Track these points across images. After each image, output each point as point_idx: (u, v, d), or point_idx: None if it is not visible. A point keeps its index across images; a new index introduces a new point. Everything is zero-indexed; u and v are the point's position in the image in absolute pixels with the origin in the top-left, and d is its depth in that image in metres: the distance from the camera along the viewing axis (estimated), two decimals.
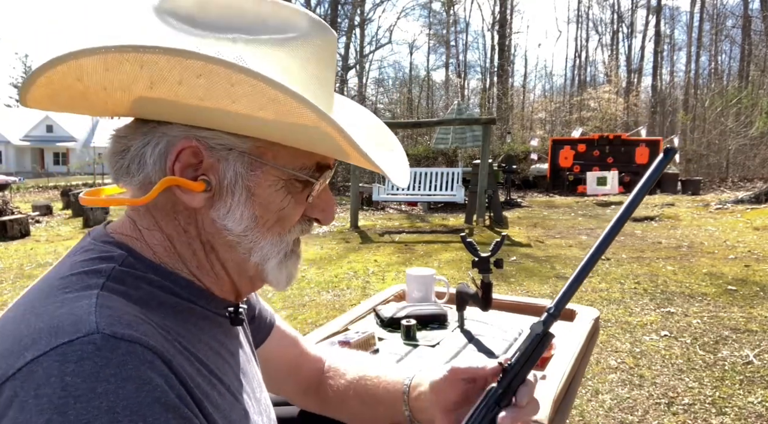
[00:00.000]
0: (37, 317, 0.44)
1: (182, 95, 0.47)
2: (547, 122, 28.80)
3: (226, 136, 0.52)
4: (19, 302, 0.50)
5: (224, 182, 0.54)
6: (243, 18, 0.52)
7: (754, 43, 24.69)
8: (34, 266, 6.08)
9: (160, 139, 0.52)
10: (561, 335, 1.26)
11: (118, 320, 0.44)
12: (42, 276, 0.54)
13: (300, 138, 0.51)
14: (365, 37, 29.71)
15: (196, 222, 0.55)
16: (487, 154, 8.23)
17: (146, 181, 0.53)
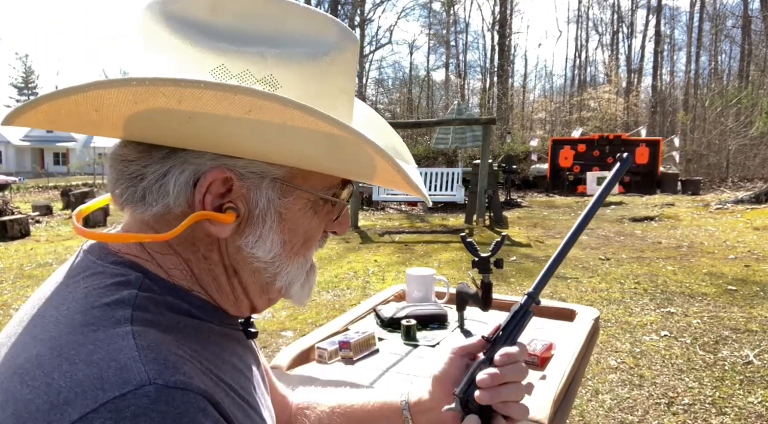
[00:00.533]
0: (71, 365, 0.39)
1: (225, 130, 0.44)
2: (547, 122, 28.80)
3: (260, 164, 0.49)
4: (31, 336, 0.44)
5: (255, 211, 0.51)
6: (267, 26, 0.47)
7: (754, 43, 24.70)
8: (34, 266, 6.08)
9: (184, 166, 0.48)
10: (561, 335, 1.26)
11: (164, 364, 0.41)
12: (45, 299, 0.49)
13: (349, 168, 0.51)
14: (365, 38, 29.72)
15: (219, 249, 0.52)
16: (487, 154, 8.23)
17: (165, 212, 0.49)
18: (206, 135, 0.45)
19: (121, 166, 0.49)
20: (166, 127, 0.45)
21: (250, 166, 0.49)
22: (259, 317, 3.99)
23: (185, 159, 0.48)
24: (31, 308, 0.50)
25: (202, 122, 0.43)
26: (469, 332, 1.38)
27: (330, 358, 1.22)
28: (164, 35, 0.46)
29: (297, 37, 0.48)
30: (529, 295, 0.67)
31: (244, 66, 0.46)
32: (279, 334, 3.63)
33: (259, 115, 0.42)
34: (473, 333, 1.36)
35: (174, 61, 0.46)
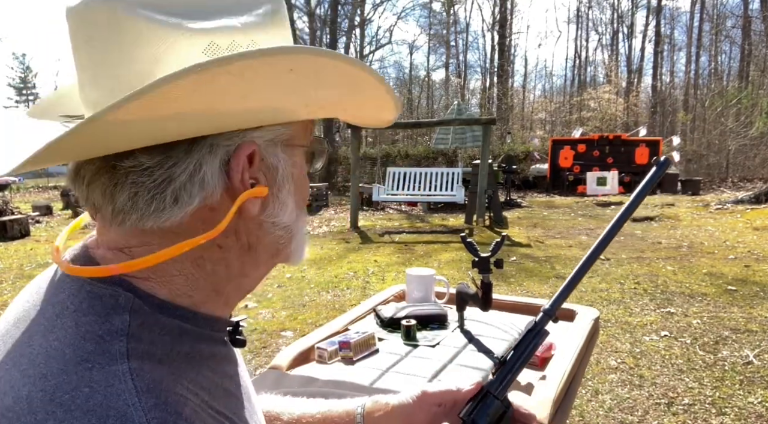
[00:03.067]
0: (65, 412, 0.37)
1: (272, 96, 0.45)
2: (547, 122, 28.81)
3: (274, 129, 0.50)
4: (19, 370, 0.42)
5: (277, 177, 0.51)
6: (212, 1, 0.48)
7: (754, 43, 24.70)
8: (34, 266, 6.08)
9: (213, 152, 0.46)
10: (561, 335, 1.26)
11: (165, 409, 0.40)
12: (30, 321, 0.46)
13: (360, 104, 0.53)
14: (365, 38, 29.74)
15: (235, 232, 0.50)
16: (487, 154, 8.23)
17: (209, 204, 0.47)
18: (248, 109, 0.45)
19: (137, 178, 0.44)
20: (218, 111, 0.44)
21: (267, 134, 0.49)
22: (259, 317, 3.99)
23: (213, 144, 0.46)
24: (14, 325, 0.47)
25: (256, 95, 0.43)
26: (468, 332, 1.38)
27: (330, 358, 1.22)
28: (141, 27, 0.43)
29: (244, 3, 0.49)
30: (545, 312, 0.64)
31: (230, 38, 0.46)
32: (279, 334, 3.63)
33: (298, 73, 0.44)
34: (473, 333, 1.36)
35: (165, 50, 0.44)
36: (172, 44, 0.44)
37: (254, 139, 0.48)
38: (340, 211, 11.11)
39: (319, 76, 0.45)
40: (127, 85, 0.42)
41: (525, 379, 1.06)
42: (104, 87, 0.44)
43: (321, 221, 9.65)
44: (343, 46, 26.67)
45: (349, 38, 26.99)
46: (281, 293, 4.63)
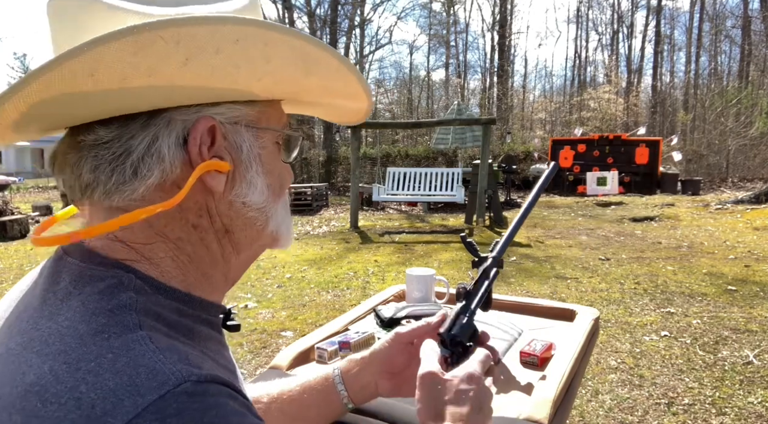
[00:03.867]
0: (96, 376, 0.38)
1: (218, 66, 0.45)
2: (547, 122, 28.81)
3: (237, 107, 0.51)
4: (33, 352, 0.42)
5: (242, 156, 0.52)
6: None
7: (753, 43, 24.70)
8: (33, 266, 6.07)
9: (171, 126, 0.47)
10: (561, 335, 1.26)
11: (188, 362, 0.41)
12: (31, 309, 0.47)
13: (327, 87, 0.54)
14: (365, 38, 29.74)
15: (208, 211, 0.52)
16: (487, 154, 8.23)
17: (169, 179, 0.48)
18: (196, 79, 0.45)
19: (98, 152, 0.47)
20: (157, 80, 0.44)
21: (228, 112, 0.50)
22: (259, 317, 4.00)
23: (169, 118, 0.47)
24: (12, 317, 0.48)
25: (197, 62, 0.44)
26: None
27: (330, 358, 1.22)
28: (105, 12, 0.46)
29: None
30: (493, 258, 0.80)
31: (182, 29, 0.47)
32: (279, 334, 3.63)
33: (245, 44, 0.44)
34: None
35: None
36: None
37: (213, 115, 0.49)
38: (340, 211, 11.11)
39: (267, 49, 0.46)
40: None
41: (525, 379, 1.06)
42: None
43: (321, 220, 9.65)
44: (343, 46, 26.67)
45: (349, 38, 26.98)
46: (281, 293, 4.63)
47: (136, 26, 0.39)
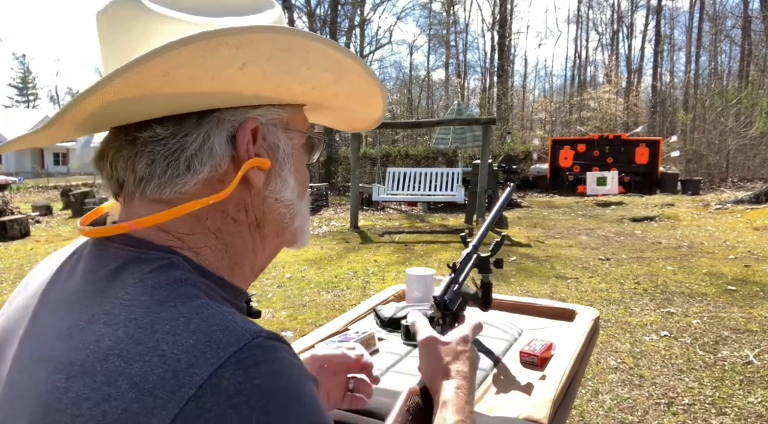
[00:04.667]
0: (174, 336, 0.41)
1: (269, 71, 0.50)
2: (547, 122, 28.81)
3: (274, 110, 0.56)
4: (101, 323, 0.44)
5: (278, 155, 0.57)
6: (223, 3, 0.55)
7: (753, 43, 24.69)
8: (33, 266, 6.07)
9: (221, 125, 0.52)
10: (561, 335, 1.26)
11: (252, 323, 0.45)
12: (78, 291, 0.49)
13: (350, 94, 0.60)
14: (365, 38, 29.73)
15: (245, 206, 0.56)
16: (487, 154, 8.23)
17: (217, 174, 0.52)
18: (249, 83, 0.51)
19: (154, 147, 0.50)
20: (217, 83, 0.49)
21: (268, 114, 0.55)
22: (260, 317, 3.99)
23: (219, 118, 0.52)
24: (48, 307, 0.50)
25: (253, 67, 0.49)
26: None
27: None
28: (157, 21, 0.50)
29: (256, 7, 0.57)
30: (474, 246, 0.98)
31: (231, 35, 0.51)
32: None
33: (291, 53, 0.50)
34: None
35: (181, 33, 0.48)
36: (181, 33, 0.48)
37: (257, 116, 0.54)
38: (340, 211, 11.11)
39: (309, 57, 0.51)
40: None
41: (525, 379, 1.06)
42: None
43: (321, 220, 9.65)
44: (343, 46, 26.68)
45: (349, 38, 26.97)
46: (281, 293, 4.63)
47: (207, 32, 0.44)
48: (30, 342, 0.48)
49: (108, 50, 0.52)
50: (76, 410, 0.39)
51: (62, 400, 0.40)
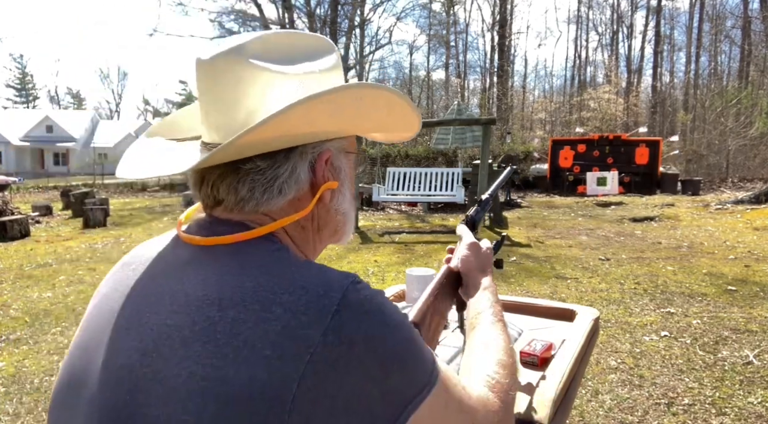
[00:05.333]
0: (305, 279, 0.56)
1: (349, 116, 0.66)
2: (547, 122, 28.80)
3: (339, 141, 0.70)
4: (233, 276, 0.57)
5: (341, 176, 0.71)
6: (298, 44, 0.69)
7: (753, 43, 24.69)
8: (33, 267, 6.08)
9: (302, 158, 0.65)
10: (561, 335, 1.26)
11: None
12: (197, 268, 0.60)
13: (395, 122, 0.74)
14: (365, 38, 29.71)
15: (312, 217, 0.70)
16: (487, 154, 8.23)
17: (299, 195, 0.66)
18: (336, 125, 0.66)
19: (254, 176, 0.63)
20: (314, 127, 0.63)
21: (337, 144, 0.70)
22: None
23: (302, 151, 0.65)
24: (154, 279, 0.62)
25: (339, 115, 0.64)
26: None
27: None
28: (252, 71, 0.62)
29: (319, 51, 0.70)
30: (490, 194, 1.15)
31: (312, 78, 0.66)
32: None
33: (370, 100, 0.65)
34: None
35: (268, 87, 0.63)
36: (272, 83, 0.63)
37: (330, 147, 0.68)
38: None
39: (375, 101, 0.67)
40: (243, 111, 0.62)
41: (525, 379, 1.06)
42: (225, 114, 0.63)
43: None
44: (343, 46, 26.65)
45: (349, 38, 26.97)
46: None
47: (316, 94, 0.58)
48: (151, 300, 0.59)
49: (209, 97, 0.64)
50: (236, 330, 0.51)
51: (218, 326, 0.52)
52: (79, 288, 4.97)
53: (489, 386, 0.68)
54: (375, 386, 0.53)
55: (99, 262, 6.32)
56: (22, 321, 3.99)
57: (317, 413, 0.50)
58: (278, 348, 0.51)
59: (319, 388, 0.50)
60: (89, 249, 7.32)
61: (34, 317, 4.07)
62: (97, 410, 0.55)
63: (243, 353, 0.50)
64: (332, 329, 0.52)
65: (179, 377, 0.51)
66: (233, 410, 0.49)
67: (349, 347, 0.52)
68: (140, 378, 0.53)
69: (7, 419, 2.50)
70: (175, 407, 0.50)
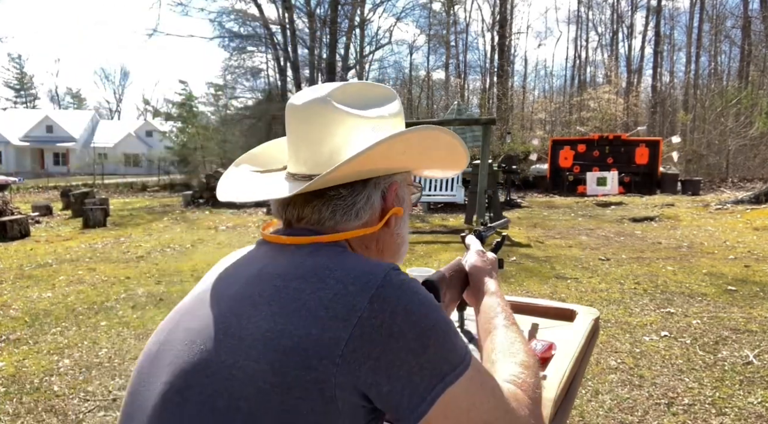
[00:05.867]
0: (355, 262, 0.69)
1: (417, 153, 0.80)
2: (547, 122, 28.79)
3: (403, 175, 0.84)
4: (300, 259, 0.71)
5: (404, 205, 0.84)
6: (370, 95, 0.82)
7: (753, 43, 24.67)
8: (33, 267, 6.08)
9: (377, 188, 0.79)
10: (561, 335, 1.26)
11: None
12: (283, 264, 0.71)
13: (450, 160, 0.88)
14: (365, 38, 29.70)
15: (376, 239, 0.82)
16: (487, 154, 8.22)
17: (372, 218, 0.79)
18: (406, 162, 0.80)
19: (337, 201, 0.76)
20: (391, 161, 0.77)
21: (401, 177, 0.82)
22: None
23: (376, 182, 0.78)
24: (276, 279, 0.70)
25: (408, 154, 0.78)
26: (469, 332, 1.38)
27: None
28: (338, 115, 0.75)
29: (388, 97, 0.84)
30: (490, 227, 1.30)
31: (383, 121, 0.79)
32: None
33: (433, 141, 0.79)
34: (474, 333, 1.36)
35: (351, 128, 0.76)
36: (354, 125, 0.76)
37: (397, 179, 0.82)
38: None
39: (437, 142, 0.80)
40: (328, 148, 0.75)
41: None
42: (313, 150, 0.76)
43: None
44: (343, 46, 26.65)
45: (348, 38, 26.97)
46: None
47: (398, 132, 0.73)
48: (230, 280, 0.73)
49: (299, 135, 0.78)
50: (296, 296, 0.64)
51: (282, 292, 0.65)
52: (79, 288, 4.97)
53: (516, 384, 0.71)
54: (414, 357, 0.61)
55: (99, 262, 6.32)
56: (22, 321, 3.99)
57: (361, 372, 0.59)
58: (331, 310, 0.61)
59: (364, 349, 0.60)
60: (89, 249, 7.32)
61: (34, 317, 4.07)
62: (179, 362, 0.65)
63: (301, 313, 0.62)
64: (377, 297, 0.62)
65: (248, 330, 0.63)
66: (290, 359, 0.59)
67: (391, 315, 0.62)
68: (215, 335, 0.65)
69: (7, 419, 2.50)
70: (244, 354, 0.61)
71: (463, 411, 0.63)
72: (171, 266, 6.02)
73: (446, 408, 0.61)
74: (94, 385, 2.84)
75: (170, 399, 0.64)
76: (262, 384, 0.59)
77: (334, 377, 0.59)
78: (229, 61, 27.05)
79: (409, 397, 0.60)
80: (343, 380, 0.59)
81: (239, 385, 0.60)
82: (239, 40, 25.81)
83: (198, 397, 0.62)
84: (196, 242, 7.85)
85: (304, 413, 0.58)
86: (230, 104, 27.66)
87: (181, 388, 0.64)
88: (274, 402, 0.59)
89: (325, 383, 0.58)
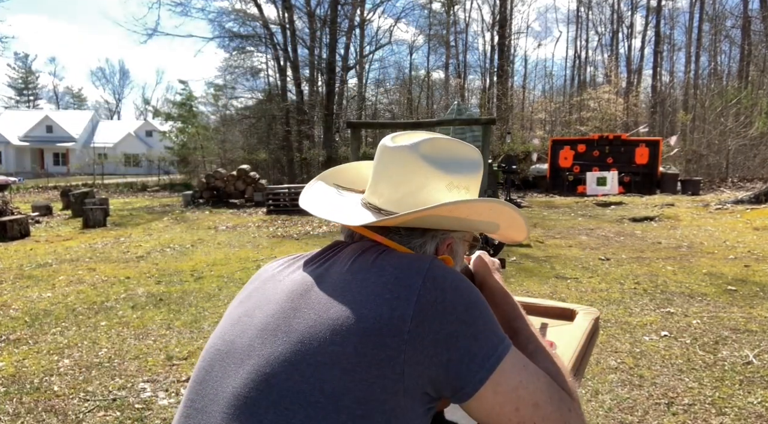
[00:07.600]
0: (403, 257, 0.77)
1: (474, 219, 0.85)
2: (547, 122, 28.79)
3: (462, 233, 0.91)
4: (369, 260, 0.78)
5: (456, 258, 0.91)
6: (456, 154, 0.88)
7: (753, 43, 24.67)
8: (33, 267, 6.08)
9: (433, 239, 0.87)
10: (561, 335, 1.26)
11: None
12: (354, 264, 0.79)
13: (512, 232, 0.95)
14: (365, 38, 29.69)
15: None
16: (487, 154, 8.23)
17: None
18: (463, 225, 0.87)
19: (394, 237, 0.84)
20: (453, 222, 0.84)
21: (459, 235, 0.91)
22: None
23: (434, 235, 0.86)
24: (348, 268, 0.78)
25: (471, 218, 0.85)
26: None
27: None
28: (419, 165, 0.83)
29: (470, 156, 0.90)
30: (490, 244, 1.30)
31: (458, 181, 0.86)
32: None
33: (490, 211, 0.84)
34: None
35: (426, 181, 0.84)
36: (430, 178, 0.83)
37: (454, 236, 0.89)
38: None
39: (500, 216, 0.86)
40: (402, 191, 0.84)
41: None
42: (390, 188, 0.85)
43: (321, 220, 9.64)
44: (343, 46, 26.63)
45: (349, 38, 26.96)
46: None
47: (464, 200, 0.81)
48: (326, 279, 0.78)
49: (383, 172, 0.86)
50: (364, 285, 0.72)
51: (351, 284, 0.73)
52: (79, 288, 4.97)
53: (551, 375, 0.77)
54: (467, 327, 0.69)
55: (99, 262, 6.32)
56: (22, 321, 3.99)
57: (425, 344, 0.66)
58: (395, 292, 0.70)
59: (425, 324, 0.67)
60: (89, 249, 7.32)
61: (34, 317, 4.07)
62: (264, 353, 0.71)
63: (371, 299, 0.70)
64: (429, 278, 0.71)
65: (329, 318, 0.70)
66: (369, 340, 0.66)
67: (442, 293, 0.70)
68: (295, 326, 0.71)
69: (7, 419, 2.50)
70: (328, 341, 0.67)
71: (511, 388, 0.69)
72: (171, 266, 6.01)
73: (497, 383, 0.68)
74: (94, 385, 2.84)
75: (255, 387, 0.68)
76: (346, 364, 0.65)
77: (404, 354, 0.65)
78: (229, 61, 27.07)
79: (468, 364, 0.67)
80: (411, 355, 0.66)
81: (326, 370, 0.66)
82: (239, 40, 25.81)
83: (285, 383, 0.67)
84: (196, 241, 7.85)
85: (378, 392, 0.64)
86: (230, 104, 27.69)
87: (267, 375, 0.68)
88: (356, 381, 0.64)
89: (396, 359, 0.65)
